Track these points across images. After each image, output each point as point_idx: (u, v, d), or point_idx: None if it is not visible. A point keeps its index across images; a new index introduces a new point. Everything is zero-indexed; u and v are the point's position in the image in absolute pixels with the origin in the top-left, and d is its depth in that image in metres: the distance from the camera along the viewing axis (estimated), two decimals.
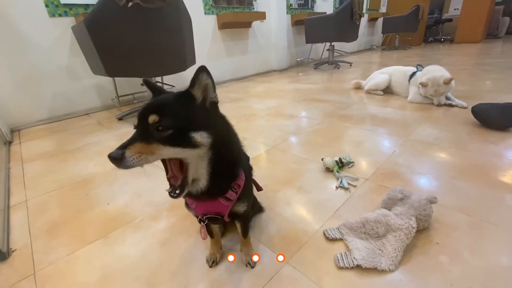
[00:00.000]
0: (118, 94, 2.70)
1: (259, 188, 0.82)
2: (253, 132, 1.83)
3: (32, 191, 1.31)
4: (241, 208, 0.67)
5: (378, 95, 2.51)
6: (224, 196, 0.62)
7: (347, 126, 1.80)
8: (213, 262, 0.79)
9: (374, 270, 0.72)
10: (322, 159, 1.27)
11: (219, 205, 0.62)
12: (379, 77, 2.53)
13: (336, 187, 1.11)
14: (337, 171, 1.21)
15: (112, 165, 0.48)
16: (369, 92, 2.59)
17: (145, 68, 2.05)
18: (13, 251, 0.91)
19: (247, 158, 0.74)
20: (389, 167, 1.25)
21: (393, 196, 0.88)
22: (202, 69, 0.52)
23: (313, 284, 0.70)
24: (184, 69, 2.28)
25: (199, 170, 0.56)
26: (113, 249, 0.89)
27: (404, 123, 1.76)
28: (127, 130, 2.09)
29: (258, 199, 1.03)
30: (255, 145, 1.61)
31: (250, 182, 0.74)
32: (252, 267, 0.77)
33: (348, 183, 1.12)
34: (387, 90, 2.53)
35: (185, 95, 0.53)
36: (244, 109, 2.41)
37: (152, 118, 0.48)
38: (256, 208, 0.99)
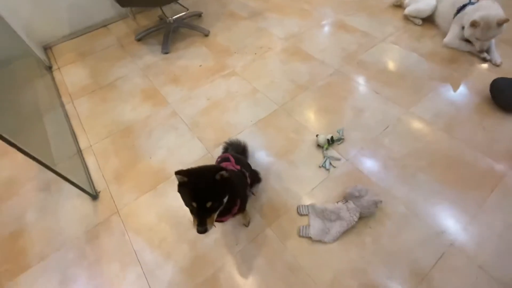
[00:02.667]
0: None
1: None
2: (265, 81, 1.90)
3: (91, 135, 1.73)
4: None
5: (416, 24, 2.19)
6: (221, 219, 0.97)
7: (359, 82, 1.81)
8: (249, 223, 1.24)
9: (320, 241, 1.16)
10: (317, 136, 1.49)
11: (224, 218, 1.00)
12: (424, 1, 2.11)
13: (319, 166, 1.41)
14: (326, 149, 1.46)
15: (146, 114, 1.48)
16: (407, 17, 2.24)
17: None
18: (99, 192, 1.44)
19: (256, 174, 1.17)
20: (372, 146, 1.46)
21: (352, 193, 1.20)
22: (220, 171, 0.79)
23: (280, 244, 1.18)
24: None
25: None
26: (161, 200, 1.39)
27: (418, 85, 1.74)
28: (148, 61, 2.19)
29: (259, 170, 1.39)
30: (265, 103, 1.76)
31: (244, 205, 1.07)
32: (247, 226, 1.25)
33: (330, 163, 1.41)
34: (429, 19, 2.18)
35: (216, 181, 0.79)
36: (261, 36, 2.28)
37: (209, 204, 0.78)
38: (256, 179, 1.37)
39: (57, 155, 1.47)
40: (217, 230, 1.25)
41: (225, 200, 0.84)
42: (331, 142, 1.47)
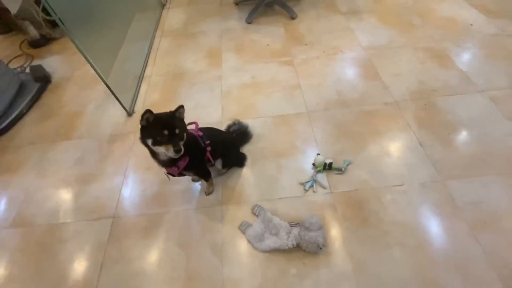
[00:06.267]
0: None
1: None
2: (313, 82, 1.83)
3: (155, 69, 2.09)
4: (188, 174, 1.17)
5: None
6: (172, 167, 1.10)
7: (409, 125, 1.53)
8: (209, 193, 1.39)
9: (250, 244, 1.19)
10: (317, 155, 1.40)
11: (172, 170, 1.13)
12: None
13: (300, 183, 1.35)
14: (318, 171, 1.37)
15: (199, 69, 1.76)
16: None
17: None
18: (134, 113, 1.80)
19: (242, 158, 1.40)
20: (367, 195, 1.29)
21: (305, 221, 1.13)
22: (180, 107, 1.00)
23: (220, 224, 1.26)
24: None
25: None
26: None
27: (482, 161, 1.35)
28: (230, 25, 2.38)
29: (249, 157, 1.45)
30: (297, 102, 1.71)
31: (198, 163, 1.17)
32: (206, 195, 1.37)
33: (313, 186, 1.33)
34: None
35: (178, 116, 1.00)
36: (343, 36, 2.12)
37: (177, 131, 0.96)
38: (238, 162, 1.44)
39: (126, 73, 1.88)
40: (184, 184, 1.41)
41: (185, 135, 0.99)
42: (327, 167, 1.37)
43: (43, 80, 2.05)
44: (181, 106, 1.00)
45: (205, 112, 1.74)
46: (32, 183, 1.51)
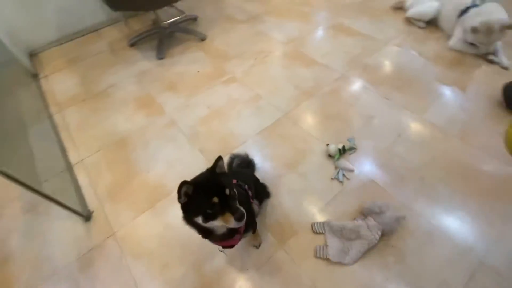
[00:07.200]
0: None
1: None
2: (268, 87, 1.81)
3: (82, 149, 1.59)
4: (246, 235, 0.94)
5: (420, 27, 2.14)
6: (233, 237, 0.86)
7: (366, 88, 1.73)
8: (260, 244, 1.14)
9: (339, 263, 1.06)
10: (327, 145, 1.40)
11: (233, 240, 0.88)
12: (426, 4, 2.07)
13: (332, 178, 1.32)
14: (337, 159, 1.37)
15: (141, 124, 1.49)
16: (410, 20, 2.19)
17: None
18: (92, 213, 1.31)
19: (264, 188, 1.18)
20: (386, 156, 1.38)
21: (372, 208, 1.11)
22: (218, 160, 0.77)
23: (296, 266, 1.08)
24: None
25: None
26: (161, 219, 1.26)
27: (427, 89, 1.68)
28: (142, 67, 2.07)
29: (268, 184, 1.29)
30: (269, 110, 1.67)
31: (252, 220, 0.98)
32: (257, 248, 1.14)
33: (344, 175, 1.32)
34: (433, 22, 2.13)
35: (220, 171, 0.78)
36: (260, 40, 2.20)
37: (227, 191, 0.72)
38: (264, 194, 1.26)
39: (43, 172, 1.33)
40: (223, 255, 1.13)
41: (236, 192, 0.77)
42: (342, 151, 1.38)
43: None
44: (220, 158, 0.78)
45: (186, 166, 1.45)
46: None
